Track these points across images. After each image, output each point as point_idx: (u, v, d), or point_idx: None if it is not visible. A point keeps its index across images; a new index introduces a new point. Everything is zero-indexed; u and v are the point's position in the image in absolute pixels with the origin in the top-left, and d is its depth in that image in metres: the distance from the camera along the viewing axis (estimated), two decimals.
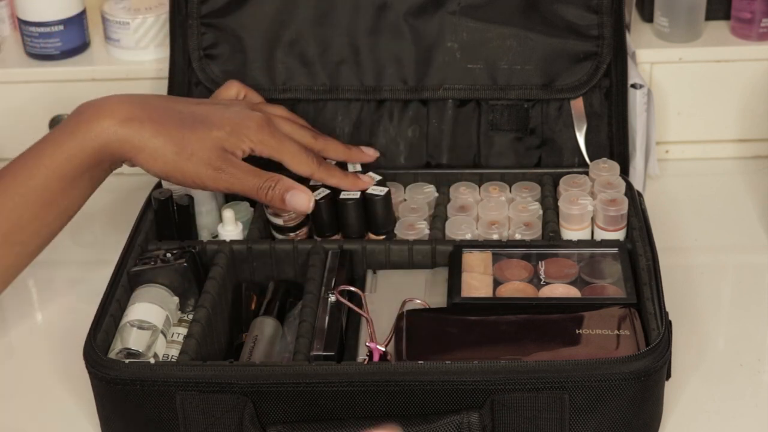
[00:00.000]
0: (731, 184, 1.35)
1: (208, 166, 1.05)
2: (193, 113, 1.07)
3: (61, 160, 1.03)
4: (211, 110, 1.09)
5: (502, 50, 1.24)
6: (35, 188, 1.03)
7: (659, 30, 1.36)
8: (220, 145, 1.06)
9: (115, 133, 1.03)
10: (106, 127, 1.03)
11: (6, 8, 1.44)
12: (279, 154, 1.10)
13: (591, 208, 1.16)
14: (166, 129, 1.04)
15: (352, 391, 0.95)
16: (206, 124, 1.06)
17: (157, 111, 1.06)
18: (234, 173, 1.07)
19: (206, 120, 1.07)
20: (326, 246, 1.13)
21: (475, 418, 0.94)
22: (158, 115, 1.05)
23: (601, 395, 0.95)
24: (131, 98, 1.07)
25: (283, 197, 1.09)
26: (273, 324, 1.09)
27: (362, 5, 1.24)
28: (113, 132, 1.03)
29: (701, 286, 1.18)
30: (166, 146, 1.04)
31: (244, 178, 1.07)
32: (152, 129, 1.04)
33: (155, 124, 1.04)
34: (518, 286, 1.09)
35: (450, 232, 1.16)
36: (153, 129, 1.04)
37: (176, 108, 1.08)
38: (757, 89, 1.36)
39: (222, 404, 0.96)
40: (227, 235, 1.16)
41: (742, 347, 1.10)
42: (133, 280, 1.08)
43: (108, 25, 1.39)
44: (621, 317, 1.02)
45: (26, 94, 1.39)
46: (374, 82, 1.25)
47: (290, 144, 1.11)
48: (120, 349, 1.02)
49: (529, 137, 1.26)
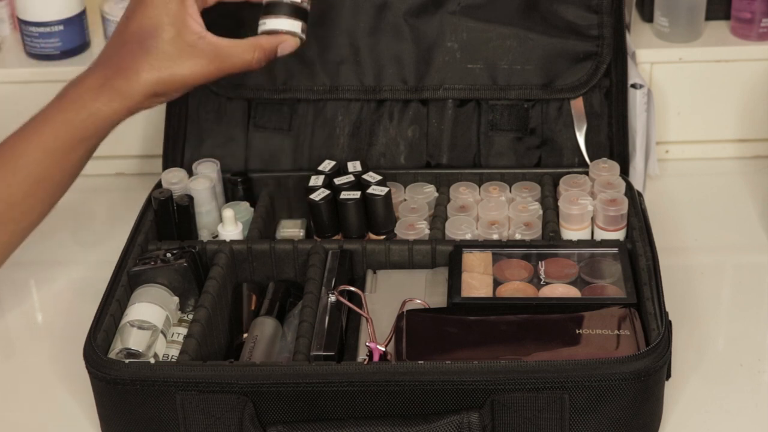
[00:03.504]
0: (731, 184, 1.35)
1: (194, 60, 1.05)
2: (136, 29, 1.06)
3: (49, 135, 1.03)
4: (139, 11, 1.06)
5: (502, 50, 1.24)
6: (26, 165, 1.03)
7: (659, 30, 1.36)
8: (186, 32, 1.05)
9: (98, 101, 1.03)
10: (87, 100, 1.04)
11: (6, 8, 1.44)
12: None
13: (591, 208, 1.16)
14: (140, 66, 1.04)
15: (352, 391, 0.95)
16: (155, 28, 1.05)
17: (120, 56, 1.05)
18: (218, 59, 1.05)
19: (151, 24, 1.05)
20: (326, 246, 1.13)
21: (475, 418, 0.94)
22: (126, 61, 1.04)
23: (601, 395, 0.95)
24: (98, 61, 1.07)
25: (275, 54, 1.09)
26: (273, 324, 1.09)
27: (362, 5, 1.24)
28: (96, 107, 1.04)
29: (701, 286, 1.18)
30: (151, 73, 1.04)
31: (232, 62, 1.06)
32: (128, 75, 1.04)
33: (127, 71, 1.04)
34: (518, 286, 1.09)
35: (450, 232, 1.16)
36: (129, 74, 1.04)
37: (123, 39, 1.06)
38: (757, 89, 1.36)
39: (222, 404, 0.96)
40: (227, 235, 1.16)
41: (742, 347, 1.10)
42: (133, 280, 1.08)
43: (108, 25, 1.39)
44: (621, 317, 1.02)
45: (26, 94, 1.39)
46: (374, 82, 1.25)
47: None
48: (120, 349, 1.02)
49: (529, 137, 1.26)
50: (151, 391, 0.97)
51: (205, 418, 0.97)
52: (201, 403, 0.96)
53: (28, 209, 1.05)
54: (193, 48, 1.04)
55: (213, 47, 1.05)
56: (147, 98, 1.05)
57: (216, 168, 1.23)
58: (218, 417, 0.96)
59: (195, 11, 1.05)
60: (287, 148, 1.27)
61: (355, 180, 1.17)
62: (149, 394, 0.97)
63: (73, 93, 1.05)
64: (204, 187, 1.19)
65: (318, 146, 1.26)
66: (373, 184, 1.16)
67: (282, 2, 1.10)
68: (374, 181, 1.16)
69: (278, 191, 1.25)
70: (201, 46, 1.05)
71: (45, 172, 1.04)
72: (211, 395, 0.96)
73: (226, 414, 0.96)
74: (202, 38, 1.05)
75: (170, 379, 0.96)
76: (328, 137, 1.26)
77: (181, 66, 1.04)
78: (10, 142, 1.05)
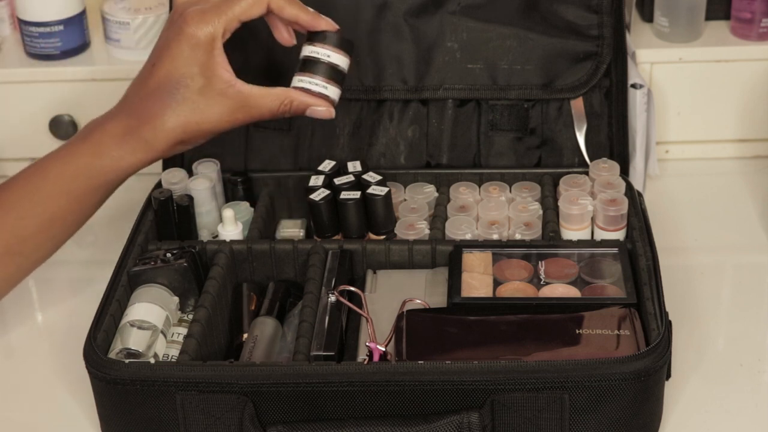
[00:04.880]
0: (731, 184, 1.35)
1: (221, 112, 1.04)
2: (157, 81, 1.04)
3: (69, 176, 1.03)
4: (167, 59, 1.04)
5: (502, 50, 1.24)
6: (42, 201, 1.03)
7: (659, 30, 1.36)
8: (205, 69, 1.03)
9: (122, 149, 1.03)
10: (111, 147, 1.03)
11: (6, 8, 1.44)
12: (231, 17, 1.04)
13: (591, 208, 1.16)
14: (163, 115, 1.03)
15: (352, 391, 0.95)
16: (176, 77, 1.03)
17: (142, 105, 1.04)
18: (245, 108, 1.04)
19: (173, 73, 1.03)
20: (326, 246, 1.13)
21: (475, 418, 0.94)
22: (147, 112, 1.04)
23: (601, 395, 0.95)
24: (122, 106, 1.06)
25: (304, 112, 1.08)
26: (273, 324, 1.09)
27: (362, 5, 1.24)
28: (119, 154, 1.03)
29: (701, 286, 1.18)
30: (179, 119, 1.03)
31: (260, 111, 1.05)
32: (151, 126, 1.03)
33: (154, 121, 1.03)
34: (518, 286, 1.09)
35: (450, 232, 1.16)
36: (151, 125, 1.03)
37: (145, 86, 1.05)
38: (757, 89, 1.36)
39: (222, 404, 0.96)
40: (227, 235, 1.16)
41: (742, 347, 1.10)
42: (133, 280, 1.08)
43: (108, 25, 1.39)
44: (621, 317, 1.02)
45: (26, 94, 1.39)
46: (374, 82, 1.25)
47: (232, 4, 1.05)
48: (120, 349, 1.02)
49: (529, 137, 1.26)
50: (151, 391, 0.97)
51: (205, 418, 0.97)
52: (201, 403, 0.96)
53: (37, 245, 1.04)
54: (222, 96, 1.03)
55: (242, 96, 1.04)
56: (172, 147, 1.04)
57: (216, 168, 1.23)
58: (218, 417, 0.96)
59: (224, 59, 1.04)
60: (287, 148, 1.27)
61: (355, 180, 1.17)
62: (149, 394, 0.97)
63: (97, 137, 1.04)
64: (204, 187, 1.19)
65: (318, 146, 1.26)
66: (373, 184, 1.16)
67: (321, 61, 1.08)
68: (374, 181, 1.16)
69: (278, 191, 1.25)
70: (230, 95, 1.03)
71: (60, 211, 1.04)
72: (211, 395, 0.96)
73: (226, 414, 0.96)
74: (232, 86, 1.03)
75: (170, 379, 0.96)
76: (328, 137, 1.26)
77: (209, 115, 1.03)
78: (28, 175, 1.04)
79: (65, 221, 1.04)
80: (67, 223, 1.05)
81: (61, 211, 1.03)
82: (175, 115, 1.02)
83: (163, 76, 1.02)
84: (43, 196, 1.02)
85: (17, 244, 1.03)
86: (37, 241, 1.04)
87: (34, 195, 1.02)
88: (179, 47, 1.02)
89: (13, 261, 1.03)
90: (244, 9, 1.03)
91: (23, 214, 1.02)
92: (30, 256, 1.05)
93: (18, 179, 1.04)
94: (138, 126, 1.02)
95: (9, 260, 1.03)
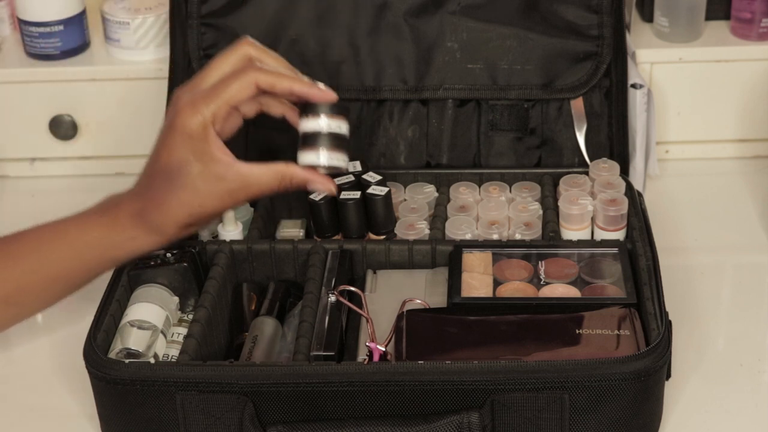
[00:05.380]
0: (731, 184, 1.35)
1: (219, 196, 1.05)
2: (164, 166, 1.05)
3: (85, 244, 1.03)
4: (164, 149, 1.05)
5: (502, 50, 1.24)
6: (53, 261, 1.04)
7: (659, 30, 1.36)
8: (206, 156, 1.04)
9: (137, 228, 1.04)
10: (127, 225, 1.04)
11: (6, 8, 1.44)
12: (224, 102, 1.04)
13: (591, 208, 1.16)
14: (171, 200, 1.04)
15: (352, 391, 0.95)
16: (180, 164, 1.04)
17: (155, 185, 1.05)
18: (245, 188, 1.05)
19: (174, 161, 1.04)
20: (326, 246, 1.13)
21: (475, 418, 0.94)
22: (158, 193, 1.04)
23: (601, 395, 0.95)
24: (138, 183, 1.06)
25: (305, 187, 1.08)
26: (273, 324, 1.09)
27: (362, 5, 1.24)
28: (136, 233, 1.04)
29: (701, 286, 1.18)
30: (183, 208, 1.04)
31: (260, 189, 1.06)
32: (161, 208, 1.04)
33: (161, 205, 1.04)
34: (518, 286, 1.09)
35: (450, 232, 1.16)
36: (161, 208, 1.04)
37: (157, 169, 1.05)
38: (757, 89, 1.36)
39: (222, 404, 0.96)
40: (227, 235, 1.16)
41: (742, 347, 1.10)
42: (133, 280, 1.08)
43: (108, 25, 1.38)
44: (621, 317, 1.02)
45: (26, 94, 1.39)
46: (374, 82, 1.25)
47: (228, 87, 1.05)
48: (120, 349, 1.02)
49: (529, 137, 1.26)
50: (151, 391, 0.97)
51: (205, 418, 0.97)
52: (201, 403, 0.96)
53: (37, 299, 1.05)
54: (221, 180, 1.03)
55: (241, 177, 1.04)
56: (180, 230, 1.05)
57: None
58: (218, 417, 0.96)
59: (219, 142, 1.03)
60: (287, 147, 1.27)
61: (355, 180, 1.17)
62: (149, 394, 0.97)
63: (114, 212, 1.04)
64: None
65: None
66: (373, 184, 1.16)
67: (321, 133, 1.06)
68: (374, 181, 1.16)
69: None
70: (230, 177, 1.03)
71: (67, 273, 1.04)
72: (211, 395, 0.96)
73: (226, 414, 0.96)
74: (230, 168, 1.04)
75: (170, 379, 0.96)
76: None
77: (211, 198, 1.04)
78: (42, 232, 1.05)
79: (68, 282, 1.05)
80: (70, 284, 1.06)
81: (68, 273, 1.04)
82: (179, 201, 1.03)
83: (164, 162, 1.04)
84: (55, 256, 1.03)
85: (17, 295, 1.03)
86: (38, 294, 1.05)
87: (48, 253, 1.03)
88: (173, 138, 1.03)
89: (9, 310, 1.04)
90: (232, 94, 1.03)
91: (30, 268, 1.03)
92: (27, 307, 1.06)
93: (30, 234, 1.05)
94: (148, 210, 1.04)
95: (6, 309, 1.04)
